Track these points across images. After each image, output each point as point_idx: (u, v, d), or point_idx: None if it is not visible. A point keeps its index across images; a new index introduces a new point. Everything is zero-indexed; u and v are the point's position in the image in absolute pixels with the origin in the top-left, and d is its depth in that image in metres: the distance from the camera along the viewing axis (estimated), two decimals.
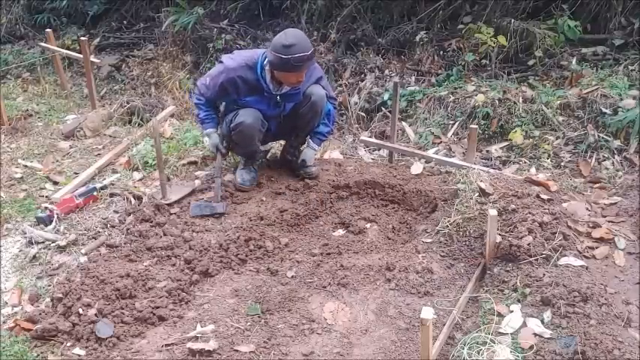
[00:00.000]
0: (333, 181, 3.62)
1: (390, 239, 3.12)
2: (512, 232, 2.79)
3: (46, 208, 3.33)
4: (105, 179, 3.74)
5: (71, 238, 3.11)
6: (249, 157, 3.60)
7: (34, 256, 3.01)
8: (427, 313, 1.83)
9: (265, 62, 3.22)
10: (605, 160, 3.72)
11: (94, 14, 7.20)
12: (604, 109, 3.93)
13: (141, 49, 6.54)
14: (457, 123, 4.26)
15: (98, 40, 6.87)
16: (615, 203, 3.20)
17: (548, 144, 3.91)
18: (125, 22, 7.22)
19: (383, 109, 4.63)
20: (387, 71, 5.06)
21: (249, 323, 2.48)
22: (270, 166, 3.92)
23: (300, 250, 3.02)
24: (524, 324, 2.36)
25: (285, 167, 3.76)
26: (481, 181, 3.13)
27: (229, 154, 3.71)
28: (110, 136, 4.57)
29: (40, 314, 2.56)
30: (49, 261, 2.97)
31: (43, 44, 5.88)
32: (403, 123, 4.43)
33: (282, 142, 3.87)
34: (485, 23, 4.89)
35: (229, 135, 3.43)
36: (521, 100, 4.16)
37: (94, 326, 2.42)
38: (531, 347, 2.24)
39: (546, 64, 4.75)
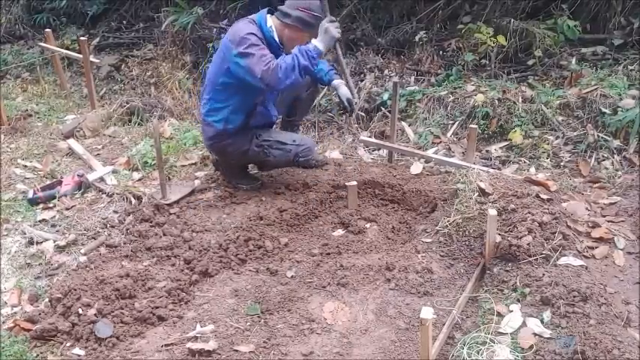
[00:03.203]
0: (333, 180, 3.62)
1: (389, 239, 3.12)
2: (511, 231, 2.79)
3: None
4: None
5: (71, 238, 3.11)
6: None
7: (34, 256, 3.01)
8: (427, 313, 1.83)
9: (269, 25, 3.15)
10: (604, 160, 3.72)
11: (94, 14, 7.20)
12: (603, 109, 3.93)
13: (140, 49, 6.53)
14: (457, 123, 4.26)
15: (97, 40, 6.87)
16: (615, 203, 3.20)
17: (548, 144, 3.91)
18: (124, 22, 7.22)
19: (382, 109, 4.63)
20: (386, 71, 5.05)
21: (248, 323, 2.48)
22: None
23: (300, 250, 3.02)
24: (524, 324, 2.36)
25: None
26: (481, 180, 3.13)
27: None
28: (110, 136, 4.58)
29: (40, 314, 2.56)
30: (49, 261, 2.97)
31: (42, 44, 5.89)
32: (403, 123, 4.43)
33: None
34: (484, 23, 4.89)
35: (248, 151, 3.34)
36: (520, 99, 4.16)
37: (94, 326, 2.42)
38: (531, 347, 2.24)
39: (546, 64, 4.75)
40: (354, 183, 3.40)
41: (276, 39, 3.19)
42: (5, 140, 4.47)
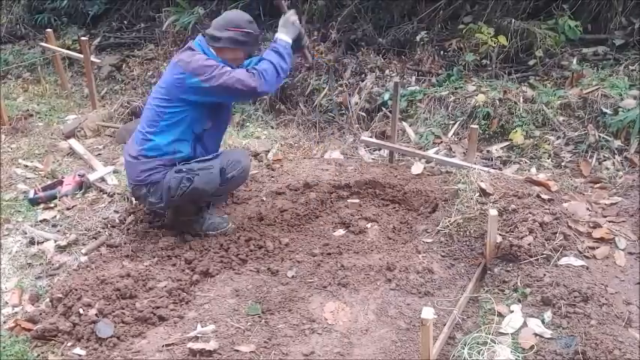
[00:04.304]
0: (334, 180, 3.62)
1: (390, 239, 3.12)
2: (512, 232, 2.79)
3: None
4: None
5: (71, 238, 3.12)
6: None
7: (35, 256, 3.02)
8: (427, 313, 1.83)
9: (210, 49, 2.96)
10: (605, 160, 3.72)
11: (95, 14, 7.21)
12: (604, 109, 3.93)
13: (141, 49, 6.54)
14: (457, 123, 4.26)
15: (99, 40, 6.88)
16: (616, 203, 3.20)
17: (549, 144, 3.91)
18: (125, 22, 7.22)
19: (383, 109, 4.63)
20: (387, 71, 5.05)
21: (249, 323, 2.48)
22: (270, 165, 3.93)
23: (301, 250, 3.02)
24: (525, 324, 2.36)
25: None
26: (481, 181, 3.13)
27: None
28: (110, 137, 4.58)
29: (41, 314, 2.56)
30: (50, 261, 2.97)
31: (43, 44, 5.89)
32: (404, 123, 4.43)
33: None
34: (485, 23, 4.89)
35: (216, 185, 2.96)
36: (521, 100, 4.16)
37: (95, 326, 2.42)
38: (532, 347, 2.24)
39: (547, 64, 4.75)
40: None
41: (229, 64, 2.98)
42: (6, 140, 4.47)
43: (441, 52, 5.13)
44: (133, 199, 3.33)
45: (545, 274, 2.55)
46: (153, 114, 2.96)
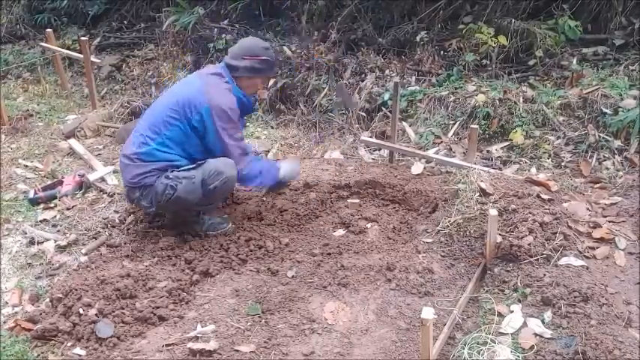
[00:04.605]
0: (334, 180, 3.62)
1: (390, 239, 3.12)
2: (512, 232, 2.79)
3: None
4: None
5: (71, 238, 3.12)
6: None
7: (35, 256, 3.02)
8: (427, 313, 1.83)
9: (230, 78, 3.03)
10: (605, 160, 3.72)
11: (95, 14, 7.21)
12: (604, 109, 3.93)
13: (141, 49, 6.54)
14: (457, 123, 4.26)
15: (98, 40, 6.87)
16: (616, 203, 3.20)
17: (549, 144, 3.91)
18: (125, 22, 7.22)
19: (383, 109, 4.63)
20: (387, 71, 5.05)
21: (249, 323, 2.48)
22: None
23: (301, 250, 3.02)
24: (525, 324, 2.36)
25: None
26: (481, 181, 3.13)
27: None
28: (110, 137, 4.58)
29: (41, 314, 2.56)
30: (50, 261, 2.97)
31: (43, 44, 5.89)
32: (404, 123, 4.43)
33: None
34: (485, 23, 4.89)
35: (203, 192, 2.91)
36: (521, 100, 4.16)
37: (95, 326, 2.42)
38: (532, 347, 2.24)
39: (547, 64, 4.75)
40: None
41: (247, 98, 3.07)
42: (6, 140, 4.47)
43: (441, 52, 5.13)
44: (129, 202, 3.31)
45: (545, 274, 2.55)
46: (159, 121, 2.95)
